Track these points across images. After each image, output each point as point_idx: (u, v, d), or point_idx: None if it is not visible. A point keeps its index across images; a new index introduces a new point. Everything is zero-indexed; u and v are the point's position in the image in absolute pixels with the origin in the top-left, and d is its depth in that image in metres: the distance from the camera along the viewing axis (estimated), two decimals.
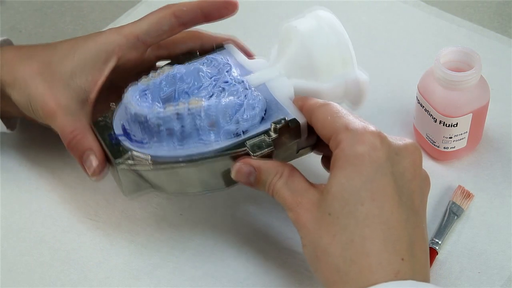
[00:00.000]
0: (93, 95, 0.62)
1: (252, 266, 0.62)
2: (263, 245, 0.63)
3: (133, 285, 0.61)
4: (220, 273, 0.61)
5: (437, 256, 0.61)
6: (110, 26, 0.84)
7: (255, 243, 0.63)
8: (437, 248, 0.61)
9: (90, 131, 0.60)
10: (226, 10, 0.62)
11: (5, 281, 0.62)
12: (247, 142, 0.56)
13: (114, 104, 0.62)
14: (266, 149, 0.56)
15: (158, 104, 0.58)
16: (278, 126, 0.56)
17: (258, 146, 0.56)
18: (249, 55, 0.66)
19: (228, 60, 0.62)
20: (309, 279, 0.60)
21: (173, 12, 0.62)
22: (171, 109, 0.57)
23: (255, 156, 0.56)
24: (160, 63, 0.68)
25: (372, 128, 0.53)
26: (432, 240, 0.62)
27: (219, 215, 0.65)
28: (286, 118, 0.57)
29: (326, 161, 0.60)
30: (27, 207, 0.67)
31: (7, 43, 0.69)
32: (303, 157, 0.61)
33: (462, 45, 0.65)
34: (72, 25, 0.86)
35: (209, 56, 0.63)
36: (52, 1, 0.89)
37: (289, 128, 0.57)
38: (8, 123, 0.68)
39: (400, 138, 0.54)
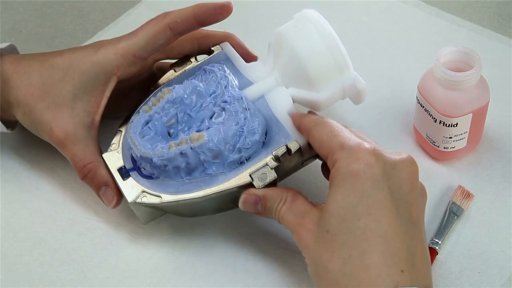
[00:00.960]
0: (97, 117, 0.63)
1: (252, 266, 0.62)
2: (263, 245, 0.63)
3: (133, 285, 0.61)
4: (220, 273, 0.61)
5: (437, 256, 0.61)
6: (110, 26, 0.84)
7: (255, 243, 0.63)
8: (437, 248, 0.61)
9: (101, 162, 0.62)
10: (220, 15, 0.62)
11: (5, 281, 0.62)
12: (251, 175, 0.57)
13: (121, 130, 0.63)
14: (269, 180, 0.57)
15: (161, 144, 0.59)
16: (278, 155, 0.58)
17: (262, 178, 0.57)
18: (246, 53, 0.66)
19: (225, 71, 0.62)
20: (309, 279, 0.60)
21: (167, 24, 0.62)
22: (174, 149, 0.58)
23: (260, 188, 0.57)
24: (159, 63, 0.68)
25: (366, 145, 0.53)
26: (432, 240, 0.62)
27: (220, 215, 0.65)
28: (287, 143, 0.58)
29: (326, 169, 0.60)
30: (27, 207, 0.67)
31: (11, 48, 0.69)
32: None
33: (462, 45, 0.64)
34: (72, 25, 0.86)
35: (206, 67, 0.63)
36: (52, 1, 0.89)
37: (290, 153, 0.58)
38: (8, 123, 0.68)
39: (396, 153, 0.54)
